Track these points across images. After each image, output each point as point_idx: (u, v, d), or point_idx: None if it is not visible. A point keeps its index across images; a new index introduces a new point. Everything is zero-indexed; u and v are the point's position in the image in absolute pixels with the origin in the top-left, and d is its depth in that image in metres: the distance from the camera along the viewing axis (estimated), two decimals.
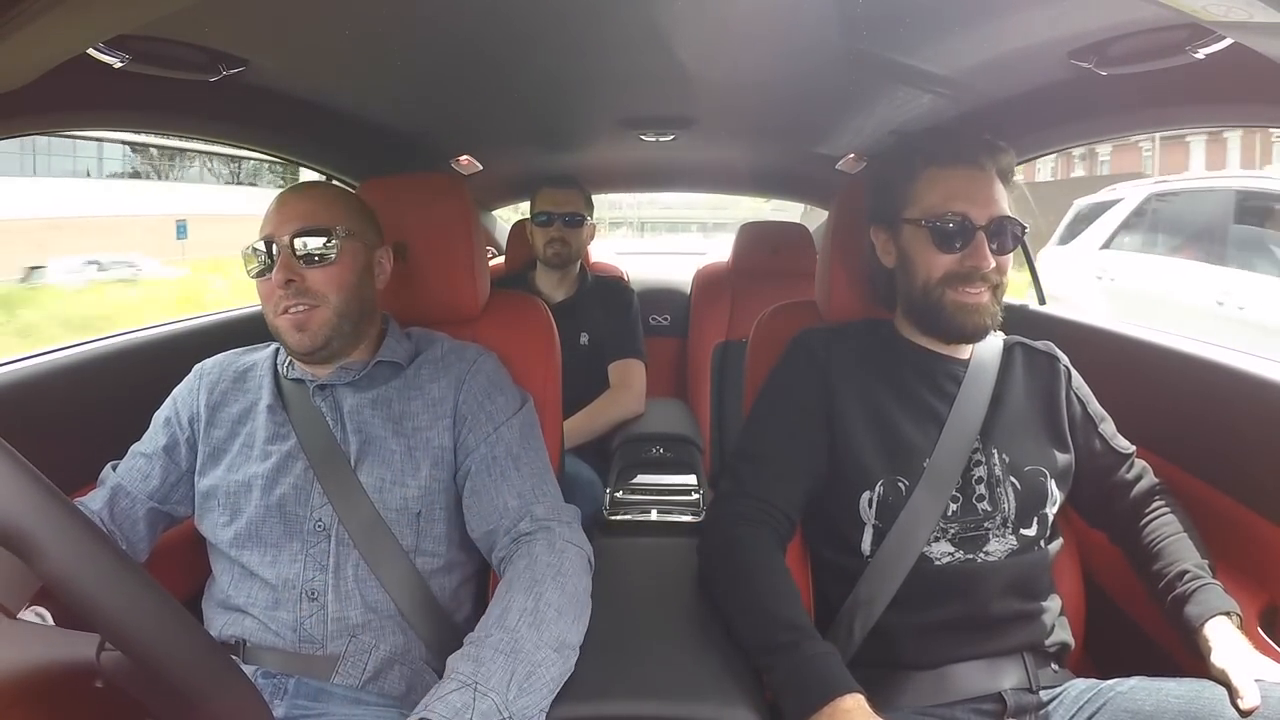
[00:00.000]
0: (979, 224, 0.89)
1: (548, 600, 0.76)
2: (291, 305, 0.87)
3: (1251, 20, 0.56)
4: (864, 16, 0.93)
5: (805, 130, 1.68)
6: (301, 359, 0.92)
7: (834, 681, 0.73)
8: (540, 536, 0.84)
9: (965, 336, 0.93)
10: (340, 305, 0.90)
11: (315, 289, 0.88)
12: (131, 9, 0.69)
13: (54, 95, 0.85)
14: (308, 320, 0.88)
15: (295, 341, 0.88)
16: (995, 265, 0.90)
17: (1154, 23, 0.82)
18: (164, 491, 0.93)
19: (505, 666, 0.68)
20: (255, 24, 0.92)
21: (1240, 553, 0.93)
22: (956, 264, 0.90)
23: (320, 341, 0.89)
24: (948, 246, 0.90)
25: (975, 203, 0.90)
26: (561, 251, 1.82)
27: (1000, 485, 0.89)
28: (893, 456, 0.90)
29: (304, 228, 0.89)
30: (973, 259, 0.89)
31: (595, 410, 1.72)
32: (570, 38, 1.06)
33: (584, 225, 1.85)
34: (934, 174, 0.92)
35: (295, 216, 0.89)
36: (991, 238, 0.89)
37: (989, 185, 0.91)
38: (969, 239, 0.89)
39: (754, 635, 0.80)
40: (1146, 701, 0.77)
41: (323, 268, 0.89)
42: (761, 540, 0.87)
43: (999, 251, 0.90)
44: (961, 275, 0.90)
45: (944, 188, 0.91)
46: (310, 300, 0.88)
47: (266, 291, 0.89)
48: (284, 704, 0.81)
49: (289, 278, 0.87)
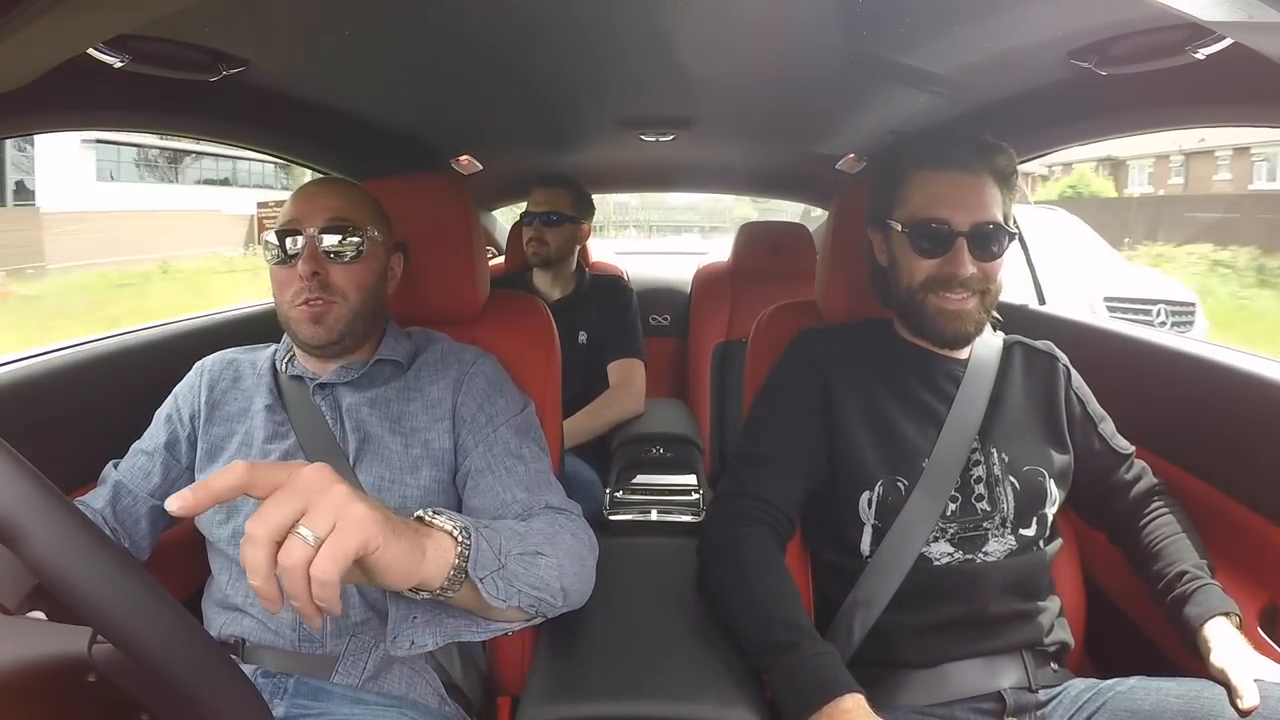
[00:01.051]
0: (960, 230, 0.88)
1: (562, 543, 0.77)
2: (311, 298, 0.88)
3: (1251, 20, 0.56)
4: (864, 16, 0.93)
5: (805, 130, 1.68)
6: (312, 352, 0.92)
7: (834, 682, 0.73)
8: (559, 516, 0.84)
9: (946, 342, 0.93)
10: (358, 304, 0.90)
11: (337, 285, 0.89)
12: (131, 9, 0.69)
13: (54, 95, 0.85)
14: (325, 314, 0.88)
15: (309, 334, 0.89)
16: (979, 272, 0.89)
17: (1154, 23, 0.82)
18: (165, 489, 0.93)
19: (510, 539, 0.69)
20: (255, 24, 0.92)
21: (1240, 553, 0.93)
22: (936, 269, 0.90)
23: (335, 337, 0.89)
24: (927, 252, 0.90)
25: (959, 207, 0.89)
26: (539, 251, 1.81)
27: (999, 485, 0.89)
28: (892, 457, 0.90)
29: (333, 222, 0.89)
30: (951, 265, 0.88)
31: (594, 410, 1.72)
32: (570, 38, 1.06)
33: (564, 225, 1.82)
34: (921, 177, 0.92)
35: (324, 209, 0.89)
36: (975, 243, 0.88)
37: (976, 189, 0.90)
38: (949, 245, 0.88)
39: (753, 635, 0.80)
40: (1146, 701, 0.77)
41: (348, 265, 0.89)
42: (761, 540, 0.87)
43: (983, 258, 0.89)
44: (942, 281, 0.89)
45: (928, 192, 0.91)
46: (330, 296, 0.88)
47: (285, 280, 0.89)
48: (284, 703, 0.81)
49: (315, 270, 0.87)
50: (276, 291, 0.91)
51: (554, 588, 0.73)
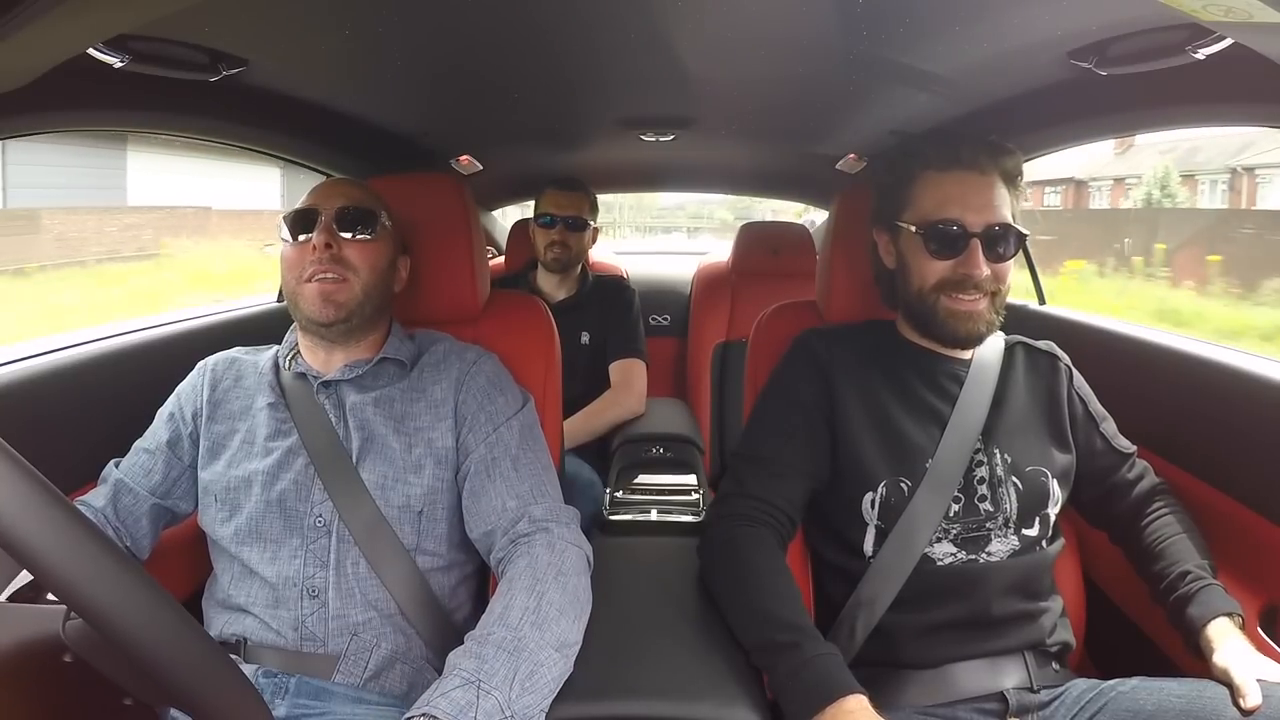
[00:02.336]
0: (974, 231, 0.88)
1: (550, 599, 0.76)
2: (322, 271, 0.89)
3: (1251, 20, 0.56)
4: (864, 16, 0.92)
5: (805, 130, 1.67)
6: (317, 332, 0.92)
7: (836, 683, 0.73)
8: (539, 537, 0.84)
9: (959, 343, 0.93)
10: (369, 283, 0.92)
11: (350, 260, 0.91)
12: (131, 9, 0.69)
13: (54, 95, 0.85)
14: (336, 291, 0.90)
15: (318, 310, 0.89)
16: (991, 273, 0.88)
17: (1154, 23, 0.82)
18: (166, 487, 0.93)
19: (508, 665, 0.68)
20: (255, 24, 0.92)
21: (1240, 553, 0.93)
22: (950, 271, 0.89)
23: (344, 314, 0.90)
24: (941, 253, 0.89)
25: (970, 208, 0.88)
26: (561, 255, 1.82)
27: (1002, 485, 0.89)
28: (895, 457, 0.89)
29: (349, 205, 0.92)
30: (965, 267, 0.88)
31: (595, 410, 1.72)
32: (570, 38, 1.06)
33: (586, 229, 1.84)
34: (930, 178, 0.92)
35: (340, 195, 0.93)
36: (987, 245, 0.88)
37: (987, 190, 0.89)
38: (963, 246, 0.88)
39: (754, 635, 0.80)
40: (1148, 701, 0.77)
41: (361, 243, 0.92)
42: (762, 540, 0.87)
43: (996, 259, 0.89)
44: (955, 282, 0.89)
45: (939, 193, 0.90)
46: (342, 270, 0.90)
47: (296, 257, 0.91)
48: (286, 703, 0.81)
49: (329, 242, 0.89)
50: (286, 270, 0.92)
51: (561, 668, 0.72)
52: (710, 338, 2.09)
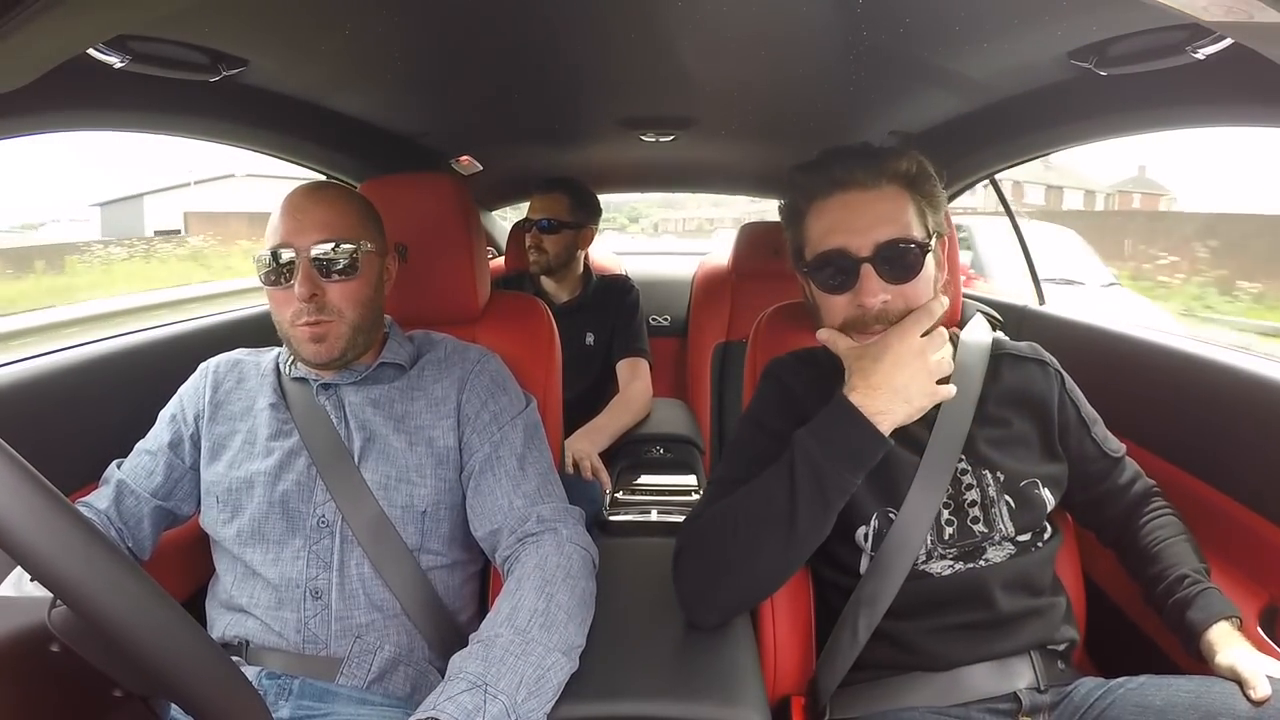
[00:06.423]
0: (861, 256, 0.80)
1: (559, 602, 0.76)
2: (310, 320, 0.87)
3: (1251, 20, 0.56)
4: (864, 17, 0.93)
5: (805, 130, 1.67)
6: (316, 368, 0.93)
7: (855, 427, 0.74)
8: (547, 537, 0.84)
9: None
10: (356, 320, 0.90)
11: (334, 304, 0.88)
12: (131, 9, 0.69)
13: (54, 95, 0.85)
14: (325, 333, 0.88)
15: (312, 353, 0.89)
16: (892, 298, 0.81)
17: (1154, 23, 0.82)
18: (168, 488, 0.93)
19: (515, 668, 0.67)
20: (255, 24, 0.92)
21: (1239, 553, 0.93)
22: (849, 306, 0.83)
23: (337, 353, 0.89)
24: (836, 287, 0.83)
25: (855, 231, 0.80)
26: (538, 260, 1.79)
27: (994, 506, 0.86)
28: (881, 486, 0.86)
29: (325, 239, 0.87)
30: (859, 297, 0.81)
31: (618, 408, 1.69)
32: (571, 38, 1.06)
33: (563, 232, 1.79)
34: (816, 208, 0.85)
35: (314, 226, 0.87)
36: (881, 266, 0.80)
37: (872, 206, 0.82)
38: (853, 275, 0.81)
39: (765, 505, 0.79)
40: (1156, 696, 0.76)
41: (343, 283, 0.89)
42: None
43: (896, 279, 0.80)
44: (855, 320, 0.82)
45: (823, 222, 0.84)
46: (328, 316, 0.88)
47: (282, 300, 0.88)
48: (289, 705, 0.81)
49: (313, 292, 0.86)
50: (275, 310, 0.90)
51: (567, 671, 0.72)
52: (710, 338, 2.09)
